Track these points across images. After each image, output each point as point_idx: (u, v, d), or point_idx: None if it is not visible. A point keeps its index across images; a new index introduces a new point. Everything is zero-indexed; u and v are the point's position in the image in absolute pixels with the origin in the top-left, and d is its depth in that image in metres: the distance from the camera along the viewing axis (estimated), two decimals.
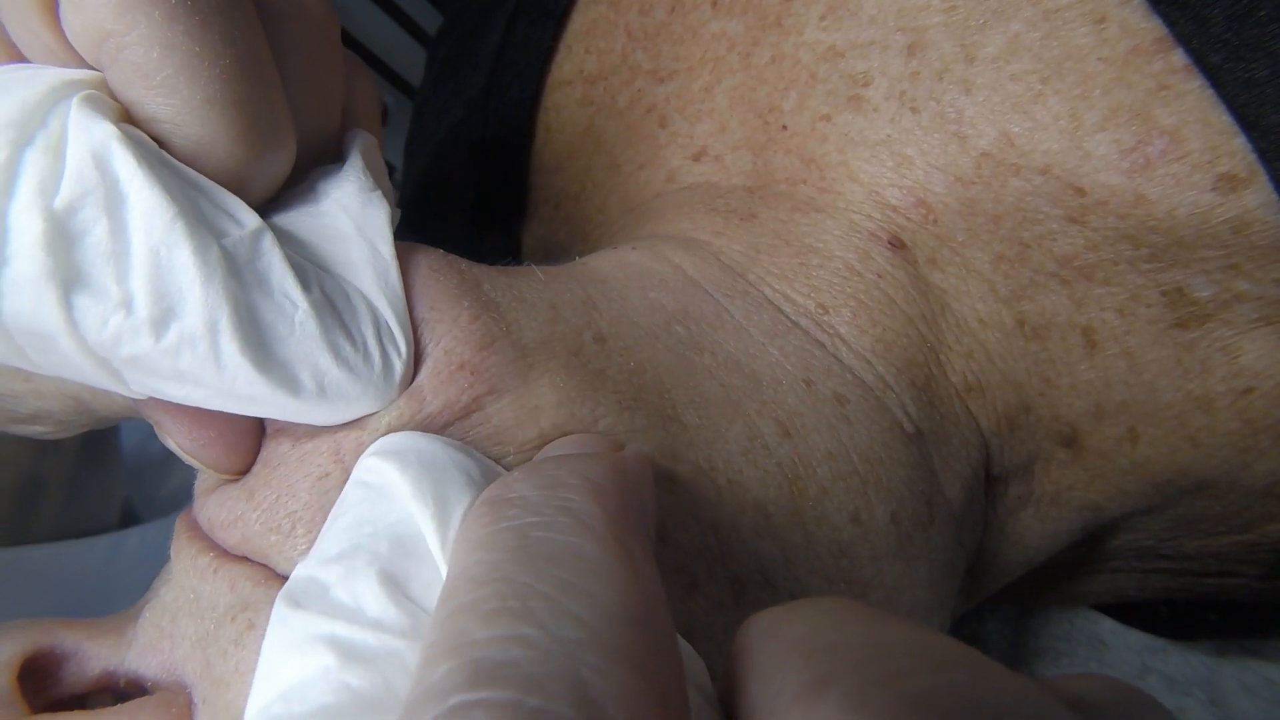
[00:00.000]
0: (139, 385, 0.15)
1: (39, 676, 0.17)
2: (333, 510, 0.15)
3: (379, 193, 0.18)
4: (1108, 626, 0.42)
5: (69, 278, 0.13)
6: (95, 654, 0.18)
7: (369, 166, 0.19)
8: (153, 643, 0.17)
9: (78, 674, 0.18)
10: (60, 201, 0.13)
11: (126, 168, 0.13)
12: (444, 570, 0.14)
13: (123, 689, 0.18)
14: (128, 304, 0.13)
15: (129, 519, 0.43)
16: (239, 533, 0.17)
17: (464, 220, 0.38)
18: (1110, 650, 0.42)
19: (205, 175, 0.15)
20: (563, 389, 0.18)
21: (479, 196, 0.37)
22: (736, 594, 0.19)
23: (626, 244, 0.25)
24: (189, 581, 0.17)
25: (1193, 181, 0.21)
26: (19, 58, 0.15)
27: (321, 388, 0.15)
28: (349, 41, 1.13)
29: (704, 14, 0.28)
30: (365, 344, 0.15)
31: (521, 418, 0.18)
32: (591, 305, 0.21)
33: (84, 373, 0.14)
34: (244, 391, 0.14)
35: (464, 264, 0.19)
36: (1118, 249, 0.22)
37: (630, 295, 0.22)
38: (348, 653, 0.13)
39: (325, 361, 0.15)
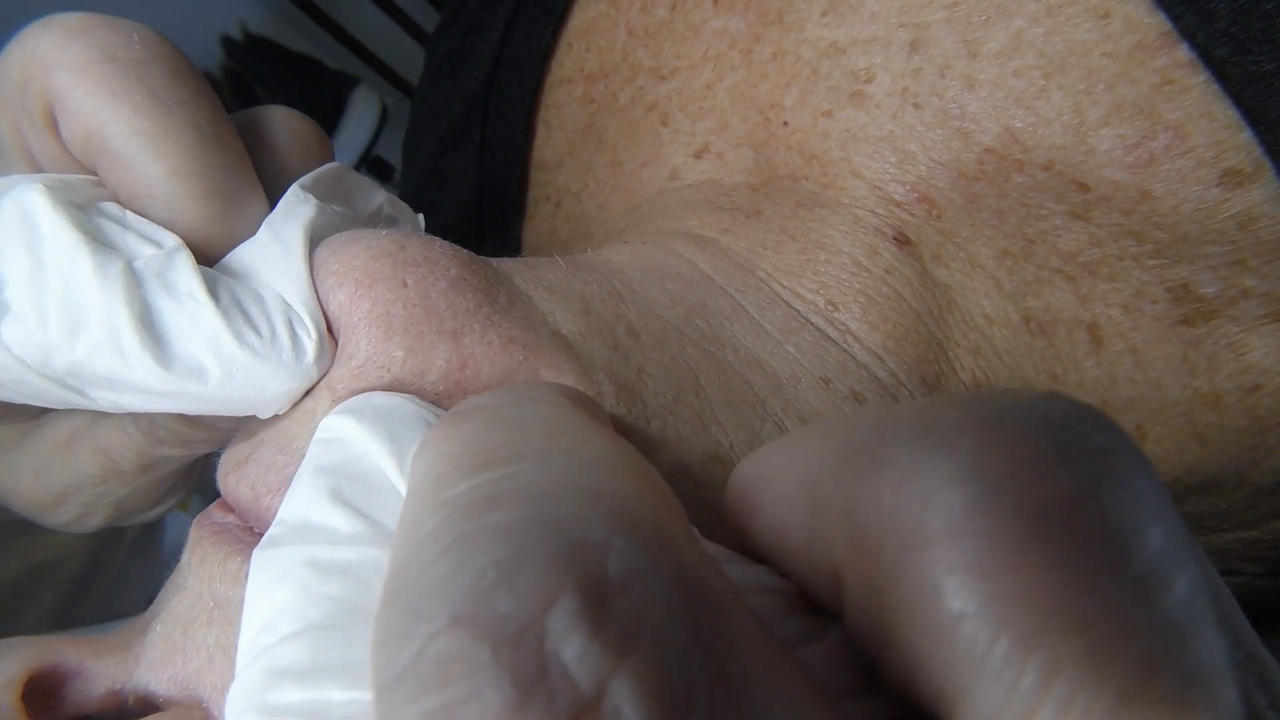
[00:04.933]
0: (102, 399, 0.16)
1: (42, 695, 0.17)
2: (297, 472, 0.15)
3: (310, 202, 0.19)
4: None
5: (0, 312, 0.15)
6: (100, 671, 0.17)
7: (317, 181, 0.20)
8: (164, 657, 0.17)
9: (83, 692, 0.17)
10: None
11: (44, 212, 0.16)
12: (404, 492, 0.14)
13: (131, 706, 0.17)
14: (44, 324, 0.15)
15: None
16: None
17: (464, 218, 0.37)
18: None
19: (180, 234, 0.17)
20: (615, 384, 0.18)
21: (479, 194, 0.36)
22: None
23: (636, 238, 0.25)
24: (210, 589, 0.17)
25: (1198, 177, 0.21)
26: (37, 169, 0.18)
27: (229, 373, 0.16)
28: (349, 41, 1.14)
29: (705, 11, 0.28)
30: (273, 329, 0.16)
31: None
32: (618, 297, 0.20)
33: (51, 395, 0.16)
34: (157, 386, 0.16)
35: (493, 260, 0.19)
36: (1122, 245, 0.22)
37: (650, 288, 0.22)
38: (326, 568, 0.13)
39: (230, 348, 0.16)
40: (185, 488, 0.23)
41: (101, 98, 0.16)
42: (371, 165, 1.07)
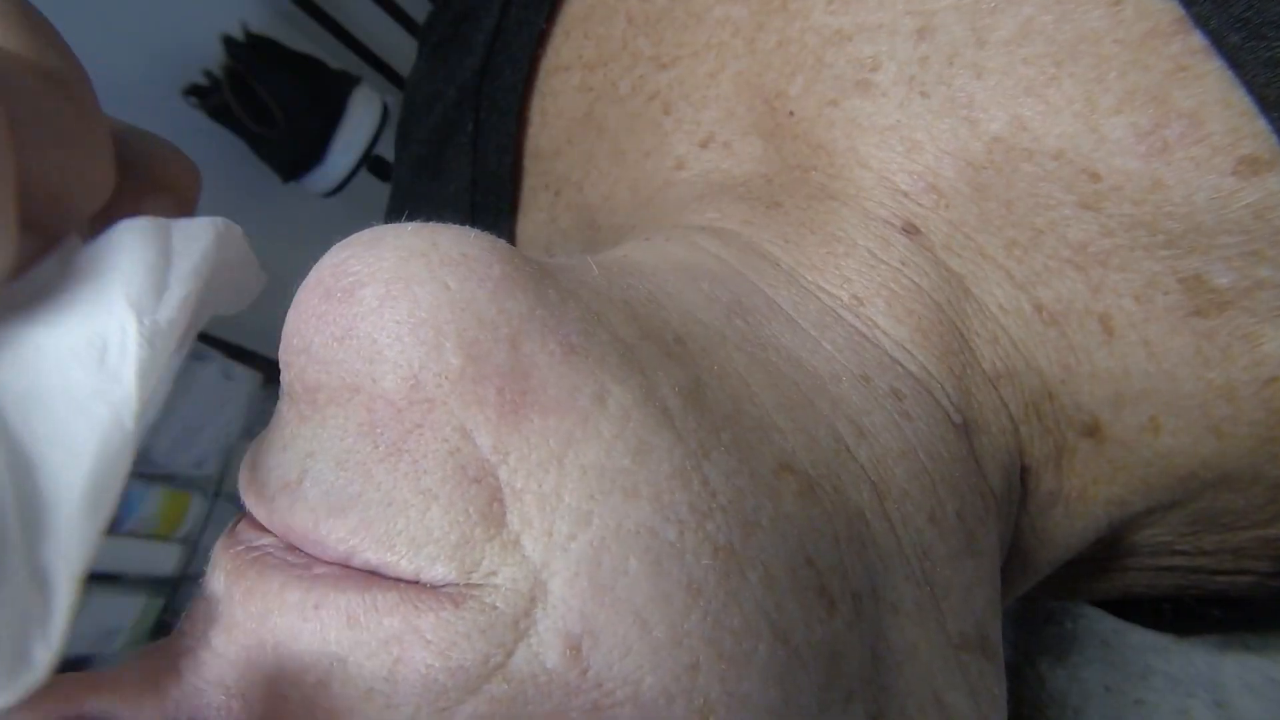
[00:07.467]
0: None
1: None
2: None
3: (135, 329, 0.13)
4: (1109, 625, 0.42)
5: None
6: (131, 718, 0.15)
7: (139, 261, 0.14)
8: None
9: None
10: None
11: None
12: None
13: None
14: None
15: None
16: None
17: (458, 208, 0.37)
18: (1113, 650, 0.41)
19: None
20: (680, 395, 0.17)
21: (472, 184, 0.36)
22: (857, 610, 0.18)
23: (658, 235, 0.24)
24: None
25: (1212, 165, 0.20)
26: None
27: None
28: (350, 41, 1.14)
29: None
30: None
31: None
32: (657, 302, 0.20)
33: None
34: None
35: (534, 257, 0.18)
36: (1133, 235, 0.22)
37: (685, 290, 0.21)
38: None
39: None
40: None
41: None
42: (372, 165, 1.06)
